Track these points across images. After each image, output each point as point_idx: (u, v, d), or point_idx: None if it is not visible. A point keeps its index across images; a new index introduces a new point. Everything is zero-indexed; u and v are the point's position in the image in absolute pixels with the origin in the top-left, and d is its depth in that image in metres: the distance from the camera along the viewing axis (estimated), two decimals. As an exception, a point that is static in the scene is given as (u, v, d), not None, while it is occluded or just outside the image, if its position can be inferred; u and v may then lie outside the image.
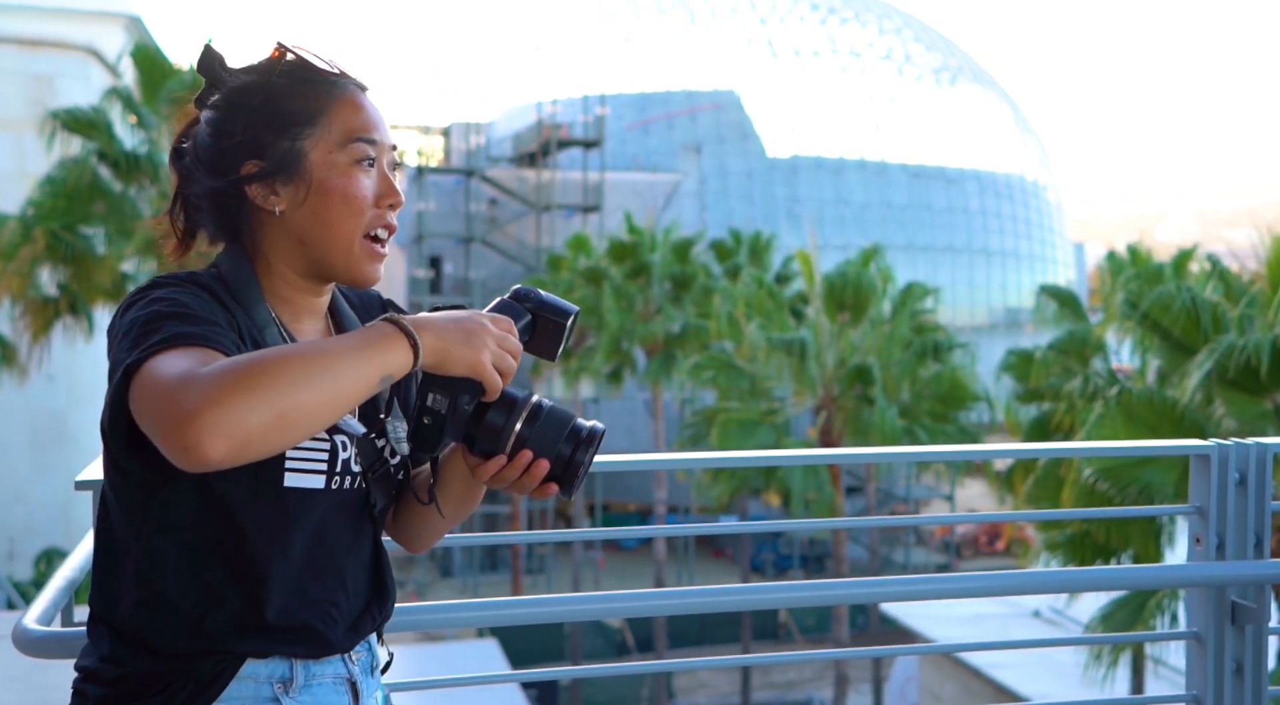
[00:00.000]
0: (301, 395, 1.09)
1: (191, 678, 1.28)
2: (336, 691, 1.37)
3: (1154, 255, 16.84)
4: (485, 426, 1.28)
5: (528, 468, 1.28)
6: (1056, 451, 2.40)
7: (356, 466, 1.35)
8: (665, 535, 1.80)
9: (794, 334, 16.48)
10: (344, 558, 1.36)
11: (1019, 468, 14.24)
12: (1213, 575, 2.32)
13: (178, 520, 1.27)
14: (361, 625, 1.40)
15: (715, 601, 2.22)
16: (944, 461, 13.72)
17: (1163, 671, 13.67)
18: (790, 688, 23.80)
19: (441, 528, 1.51)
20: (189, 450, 1.06)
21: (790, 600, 2.28)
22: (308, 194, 1.31)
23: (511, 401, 1.29)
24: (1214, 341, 10.36)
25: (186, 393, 1.07)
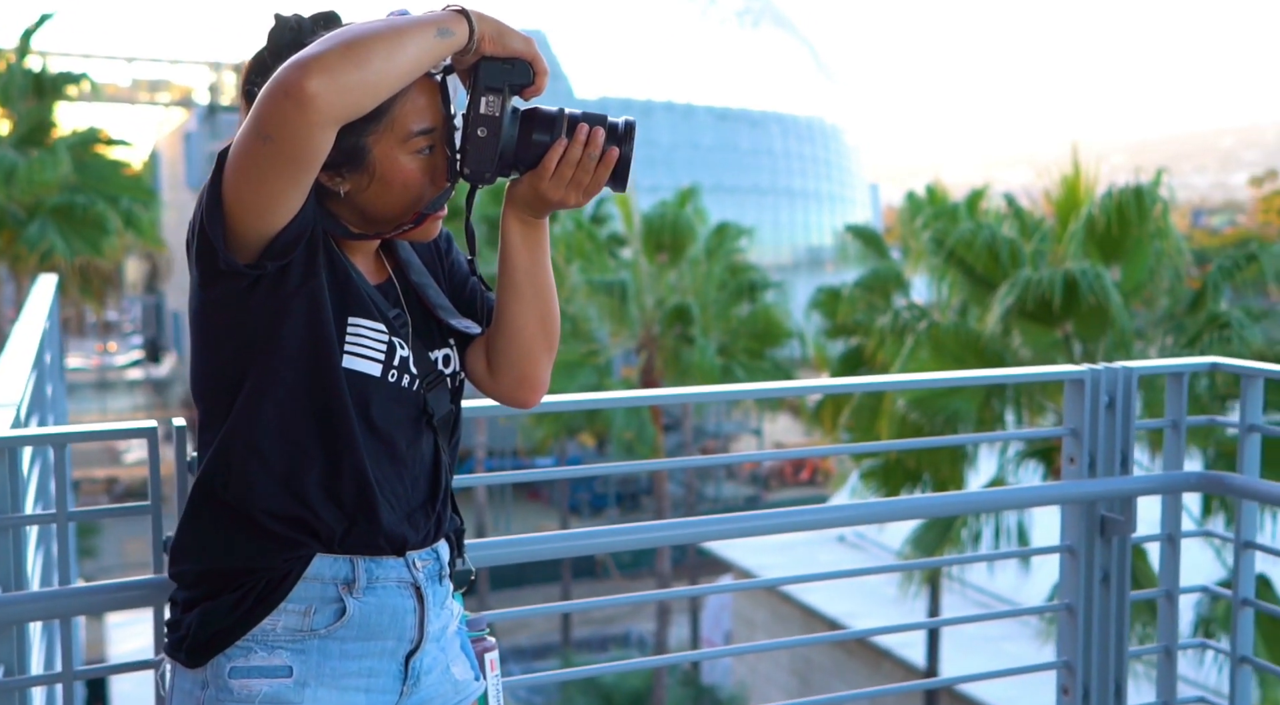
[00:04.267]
0: (383, 55, 1.24)
1: (263, 577, 1.38)
2: (401, 595, 1.45)
3: (947, 195, 17.65)
4: (535, 142, 1.38)
5: (588, 141, 1.39)
6: (943, 381, 2.52)
7: (414, 369, 1.46)
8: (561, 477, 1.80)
9: (614, 276, 16.56)
10: (404, 452, 1.45)
11: (827, 401, 14.83)
12: (1085, 492, 2.48)
13: (268, 382, 1.37)
14: (416, 519, 1.46)
15: (635, 539, 2.23)
16: (844, 393, 14.14)
17: (970, 594, 14.65)
18: (609, 623, 24.28)
19: (532, 334, 1.54)
20: (296, 86, 1.20)
21: (658, 539, 2.32)
22: (370, 182, 1.40)
23: (550, 116, 1.40)
24: (1013, 276, 11.02)
25: (291, 63, 1.22)
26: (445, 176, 1.42)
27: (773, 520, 2.40)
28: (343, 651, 1.40)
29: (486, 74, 1.35)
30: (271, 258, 1.33)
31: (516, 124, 1.38)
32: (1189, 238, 19.51)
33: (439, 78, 1.41)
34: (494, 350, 1.55)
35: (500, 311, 1.54)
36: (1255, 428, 2.53)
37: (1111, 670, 2.53)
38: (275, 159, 1.26)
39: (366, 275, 1.48)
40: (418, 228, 1.44)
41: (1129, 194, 11.06)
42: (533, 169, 1.40)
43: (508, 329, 1.53)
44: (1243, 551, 2.59)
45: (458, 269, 1.60)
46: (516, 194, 1.46)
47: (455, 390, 1.54)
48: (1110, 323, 10.64)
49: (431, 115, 1.39)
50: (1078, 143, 12.98)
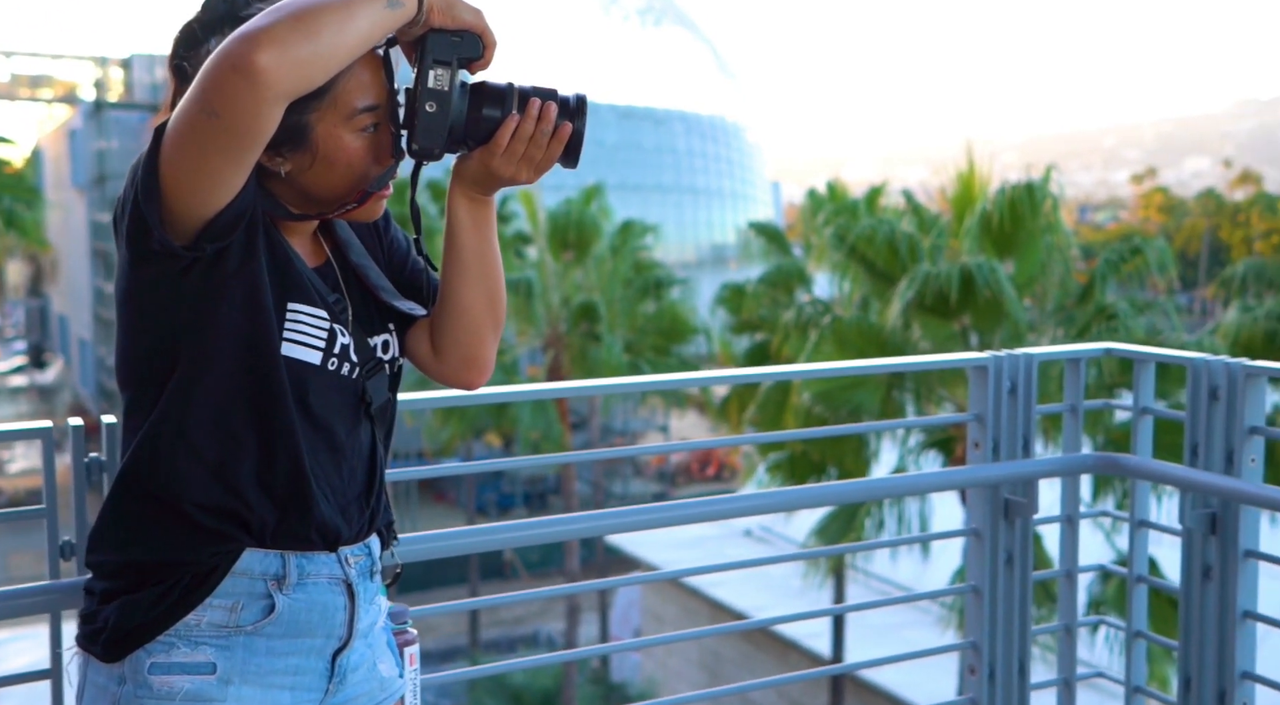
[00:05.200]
0: (334, 27, 1.20)
1: (189, 570, 1.33)
2: (332, 591, 1.40)
3: (848, 193, 17.95)
4: (485, 118, 1.35)
5: (540, 115, 1.36)
6: (854, 370, 2.54)
7: (354, 356, 1.42)
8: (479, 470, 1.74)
9: (519, 274, 16.48)
10: (342, 442, 1.41)
11: (733, 397, 14.98)
12: (990, 475, 2.54)
13: (201, 368, 1.33)
14: (351, 513, 1.42)
15: (548, 532, 2.22)
16: (756, 382, 14.22)
17: (874, 584, 14.93)
18: (518, 623, 24.14)
19: (479, 314, 1.51)
20: (245, 60, 1.15)
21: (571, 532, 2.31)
22: (313, 162, 1.35)
23: (500, 90, 1.36)
24: (912, 271, 11.26)
25: (238, 36, 1.17)
26: (390, 154, 1.38)
27: (681, 511, 2.40)
28: (269, 648, 1.36)
29: (435, 47, 1.30)
30: (210, 239, 1.28)
31: (465, 98, 1.34)
32: (1076, 233, 20.18)
33: (381, 52, 1.36)
34: (440, 331, 1.52)
35: (446, 291, 1.50)
36: (1148, 410, 2.62)
37: (1016, 649, 2.60)
38: (220, 136, 1.21)
39: (304, 257, 1.43)
40: (361, 207, 1.39)
41: (1021, 190, 11.38)
42: (483, 145, 1.38)
43: (454, 309, 1.50)
44: (1137, 530, 2.68)
45: (397, 248, 1.55)
46: (465, 171, 1.42)
47: (393, 377, 1.50)
48: (1005, 315, 10.95)
49: (376, 91, 1.35)
50: (971, 141, 13.32)
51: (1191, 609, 2.46)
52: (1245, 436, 2.38)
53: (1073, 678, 2.72)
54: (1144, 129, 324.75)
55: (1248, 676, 2.40)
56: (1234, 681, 2.39)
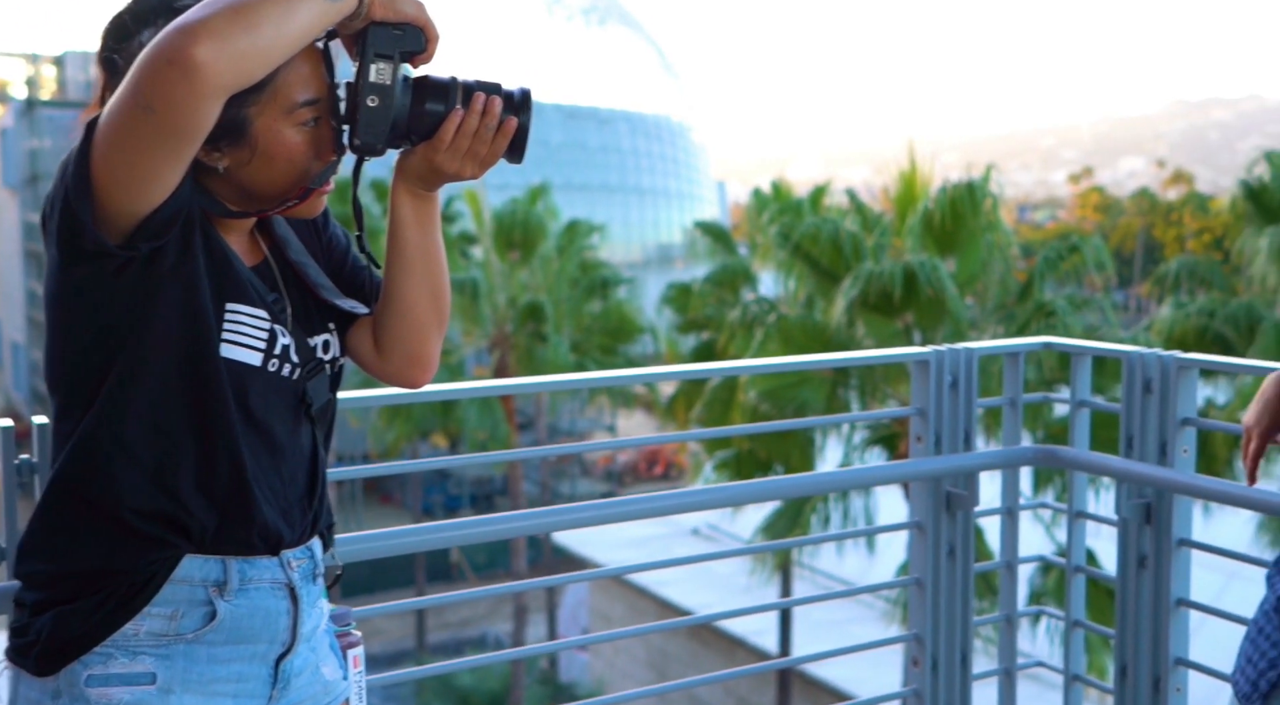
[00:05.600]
0: (275, 19, 1.18)
1: (126, 579, 1.30)
2: (274, 596, 1.38)
3: (792, 192, 18.09)
4: (428, 112, 1.33)
5: (485, 110, 1.34)
6: (799, 365, 2.56)
7: (295, 357, 1.39)
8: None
9: (465, 274, 16.40)
10: (283, 444, 1.39)
11: (680, 396, 15.03)
12: (932, 468, 2.57)
13: (137, 371, 1.29)
14: (293, 516, 1.40)
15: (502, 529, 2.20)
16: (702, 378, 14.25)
17: (820, 580, 15.04)
18: (465, 626, 24.01)
19: (424, 311, 1.49)
20: (183, 53, 1.13)
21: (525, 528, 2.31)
22: (252, 157, 1.33)
23: (443, 84, 1.34)
24: (856, 269, 11.38)
25: (175, 28, 1.14)
26: (332, 149, 1.35)
27: (624, 508, 2.40)
28: (211, 656, 1.33)
29: (377, 40, 1.28)
30: (145, 238, 1.24)
31: (408, 93, 1.32)
32: (1016, 232, 20.49)
33: (322, 45, 1.34)
34: (383, 329, 1.50)
35: (390, 288, 1.48)
36: (1084, 403, 2.67)
37: (958, 640, 2.63)
38: (156, 132, 1.18)
39: (242, 256, 1.40)
40: (303, 203, 1.36)
41: (962, 190, 11.55)
42: (427, 140, 1.35)
43: (398, 306, 1.48)
44: (1075, 521, 2.73)
45: (336, 246, 1.53)
46: (408, 166, 1.40)
47: (334, 378, 1.48)
48: (947, 312, 11.09)
49: (316, 85, 1.32)
50: (913, 141, 13.48)
51: (1127, 598, 2.51)
52: (1178, 428, 2.44)
53: (1013, 667, 2.76)
54: (1081, 129, 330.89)
55: (1181, 662, 2.45)
56: (1168, 668, 2.44)
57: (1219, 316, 11.89)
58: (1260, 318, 11.87)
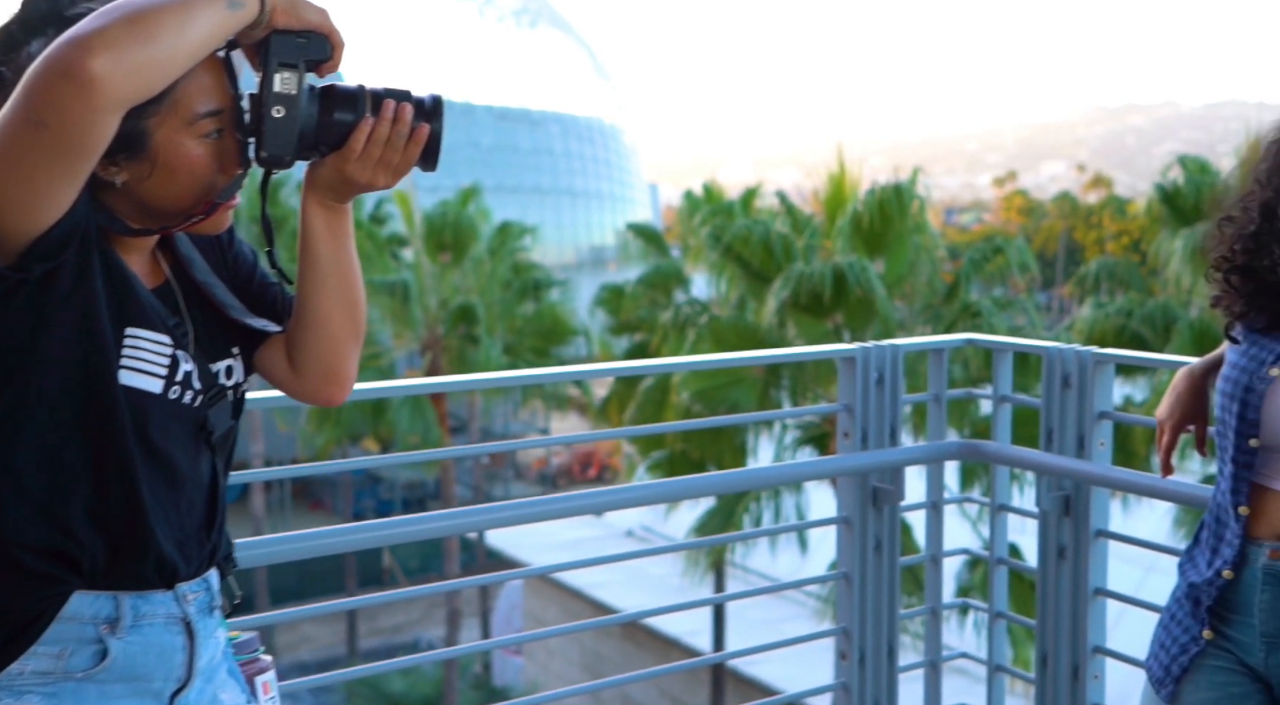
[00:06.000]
0: (173, 29, 1.14)
1: (11, 618, 1.24)
2: (169, 632, 1.33)
3: (723, 194, 18.22)
4: (337, 122, 1.29)
5: (396, 117, 1.31)
6: (727, 362, 2.59)
7: (197, 384, 1.34)
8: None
9: (395, 276, 16.25)
10: (182, 474, 1.35)
11: (613, 397, 15.05)
12: (859, 464, 2.61)
13: (30, 398, 1.25)
14: (190, 548, 1.35)
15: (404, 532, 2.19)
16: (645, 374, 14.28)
17: (753, 579, 15.14)
18: (398, 631, 23.76)
19: (339, 326, 1.44)
20: (77, 65, 1.08)
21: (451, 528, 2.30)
22: (152, 171, 1.28)
23: (351, 93, 1.31)
24: (786, 270, 11.50)
25: (67, 39, 1.10)
26: (237, 162, 1.30)
27: (555, 505, 2.40)
28: (102, 694, 1.27)
29: (280, 48, 1.25)
30: (38, 260, 1.18)
31: (315, 102, 1.29)
32: (942, 234, 20.84)
33: (223, 54, 1.30)
34: (297, 346, 1.45)
35: (304, 304, 1.43)
36: (1006, 398, 2.73)
37: (885, 634, 2.67)
38: (49, 148, 1.12)
39: (142, 277, 1.34)
40: (207, 219, 1.31)
41: (889, 192, 11.73)
42: (337, 150, 1.32)
43: (312, 322, 1.43)
44: (997, 514, 2.79)
45: (243, 262, 1.47)
46: (319, 178, 1.36)
47: (236, 404, 1.43)
48: (876, 313, 11.25)
49: (219, 95, 1.28)
50: (842, 144, 13.65)
51: (1048, 588, 2.57)
52: (1095, 421, 2.50)
53: (938, 659, 2.81)
54: (1004, 134, 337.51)
55: (1100, 650, 2.52)
56: (1087, 656, 2.50)
57: (1136, 316, 12.22)
58: (1176, 317, 12.22)
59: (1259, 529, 1.72)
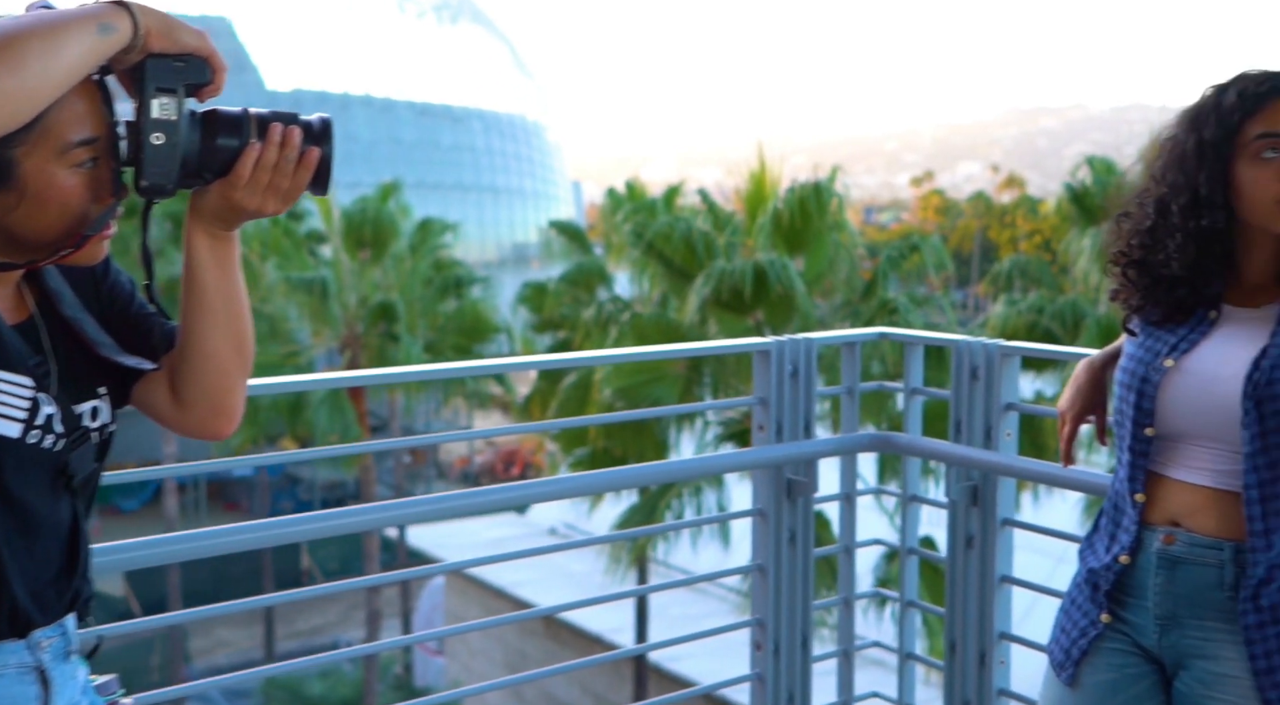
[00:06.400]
0: (40, 56, 1.09)
1: None
2: (22, 682, 1.28)
3: (646, 192, 18.27)
4: (221, 147, 1.25)
5: (283, 142, 1.27)
6: (644, 355, 2.60)
7: (59, 427, 1.28)
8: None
9: (314, 273, 16.00)
10: (40, 521, 1.29)
11: (536, 395, 15.01)
12: (773, 456, 2.64)
13: None
14: (46, 596, 1.30)
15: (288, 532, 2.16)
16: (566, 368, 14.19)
17: (676, 575, 15.21)
18: (316, 633, 23.41)
19: (226, 358, 1.38)
20: None
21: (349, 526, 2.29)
22: (20, 202, 1.22)
23: (235, 118, 1.27)
24: (708, 268, 11.57)
25: None
26: (111, 191, 1.25)
27: (478, 499, 2.39)
28: None
29: (157, 73, 1.20)
30: None
31: (197, 128, 1.25)
32: (862, 232, 21.16)
33: (97, 79, 1.24)
34: (182, 380, 1.39)
35: (189, 337, 1.37)
36: (916, 391, 2.78)
37: (799, 624, 2.70)
38: None
39: (5, 313, 1.28)
40: (79, 251, 1.25)
41: (809, 190, 11.86)
42: (222, 176, 1.27)
43: (198, 355, 1.37)
44: (908, 505, 2.84)
45: (119, 294, 1.41)
46: (204, 205, 1.30)
47: (101, 446, 1.37)
48: (796, 309, 11.38)
49: (93, 123, 1.22)
50: (763, 143, 13.76)
51: (956, 576, 2.62)
52: (1002, 412, 2.56)
53: (851, 649, 2.85)
54: (922, 134, 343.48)
55: (1005, 637, 2.57)
56: (993, 642, 2.56)
57: (1047, 313, 12.53)
58: (1084, 314, 12.56)
59: (1154, 515, 1.77)
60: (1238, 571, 1.68)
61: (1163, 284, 1.79)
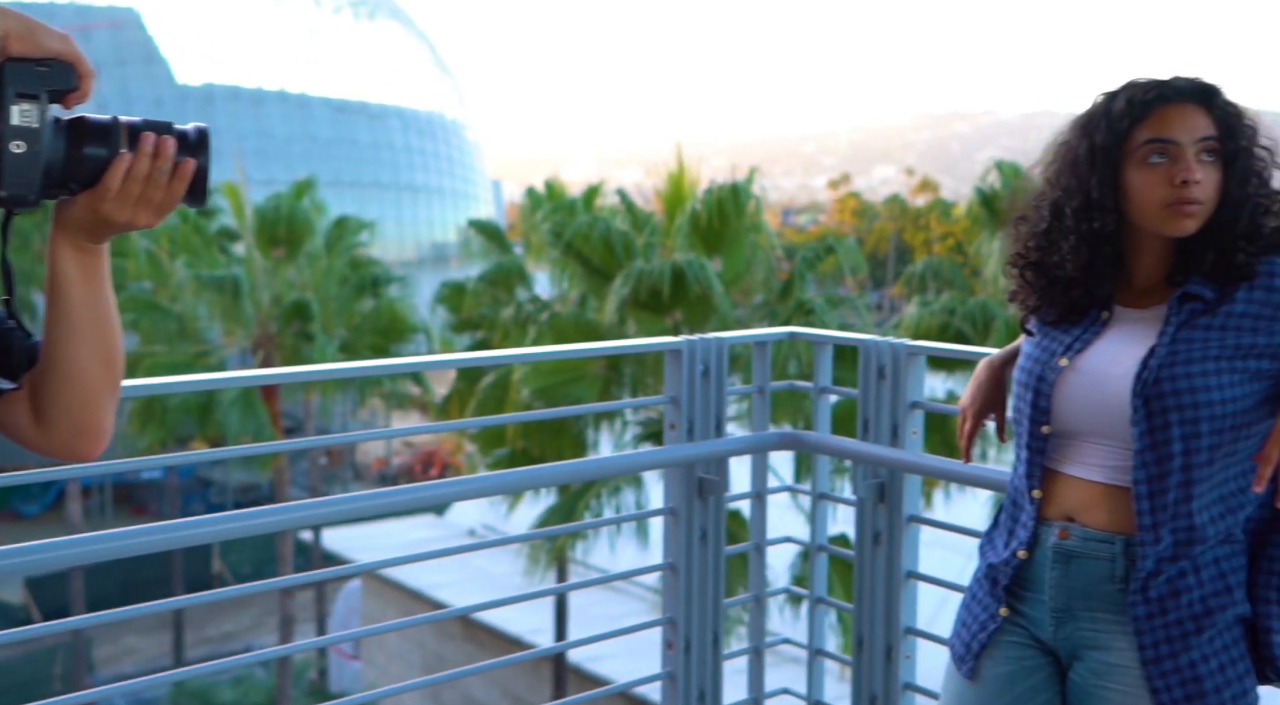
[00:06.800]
0: None
1: None
2: None
3: (566, 192, 18.23)
4: (88, 157, 1.19)
5: (156, 152, 1.21)
6: (557, 354, 2.59)
7: None
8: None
9: (226, 271, 15.67)
10: None
11: (454, 396, 14.89)
12: (684, 455, 2.65)
13: None
14: None
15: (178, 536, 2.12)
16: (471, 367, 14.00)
17: (595, 575, 15.20)
18: (228, 640, 22.94)
19: (94, 377, 1.31)
20: None
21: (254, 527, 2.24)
22: None
23: (104, 126, 1.20)
24: (627, 268, 11.59)
25: None
26: None
27: (389, 499, 2.36)
28: None
29: (16, 78, 1.14)
30: None
31: (62, 136, 1.19)
32: (780, 235, 21.36)
33: None
34: (46, 400, 1.33)
35: (54, 354, 1.31)
36: (825, 389, 2.81)
37: (710, 622, 2.72)
38: None
39: None
40: None
41: (727, 191, 11.95)
42: (90, 187, 1.21)
43: (63, 374, 1.31)
44: (818, 503, 2.87)
45: None
46: (70, 217, 1.24)
47: None
48: (714, 310, 11.45)
49: None
50: (681, 144, 13.82)
51: (864, 572, 2.66)
52: (908, 411, 2.60)
53: (762, 646, 2.88)
54: (839, 137, 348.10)
55: (911, 631, 2.62)
56: (899, 637, 2.60)
57: (958, 314, 12.78)
58: (994, 315, 12.83)
59: (1050, 511, 1.82)
60: (1128, 564, 1.73)
61: (1058, 285, 1.84)
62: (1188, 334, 1.72)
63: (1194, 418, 1.68)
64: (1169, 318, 1.74)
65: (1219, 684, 1.70)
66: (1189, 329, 1.72)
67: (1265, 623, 1.74)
